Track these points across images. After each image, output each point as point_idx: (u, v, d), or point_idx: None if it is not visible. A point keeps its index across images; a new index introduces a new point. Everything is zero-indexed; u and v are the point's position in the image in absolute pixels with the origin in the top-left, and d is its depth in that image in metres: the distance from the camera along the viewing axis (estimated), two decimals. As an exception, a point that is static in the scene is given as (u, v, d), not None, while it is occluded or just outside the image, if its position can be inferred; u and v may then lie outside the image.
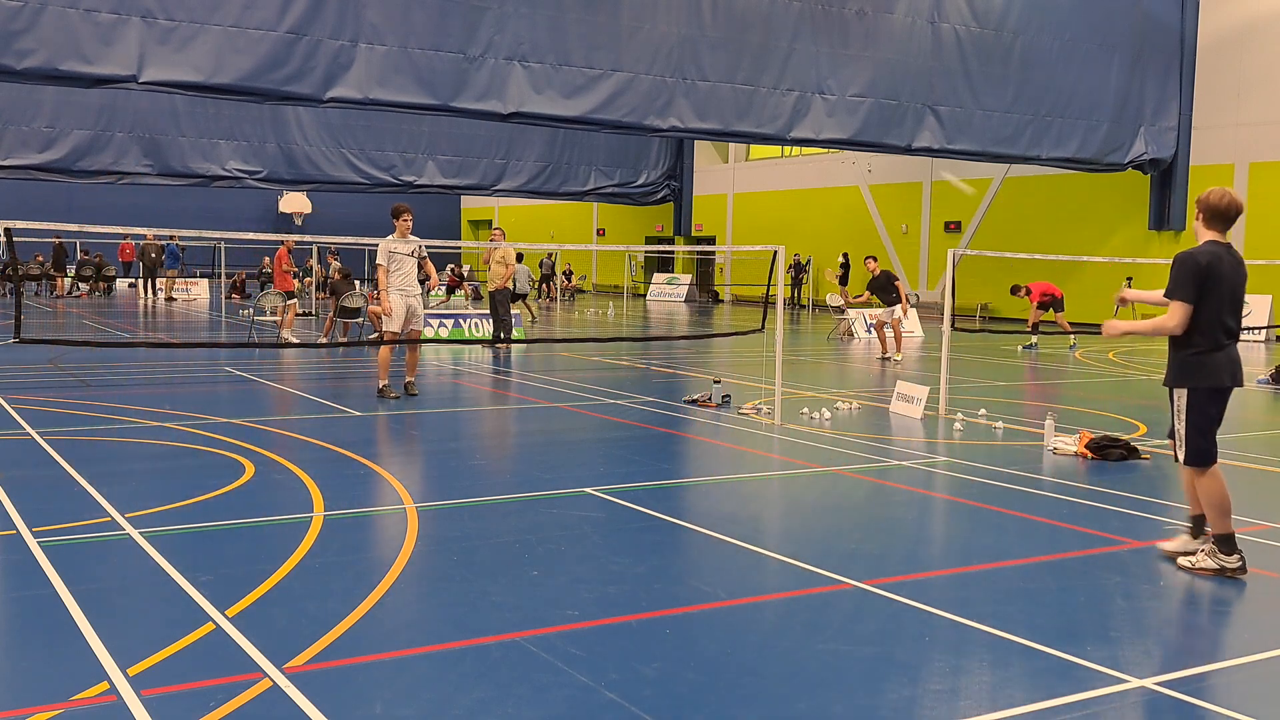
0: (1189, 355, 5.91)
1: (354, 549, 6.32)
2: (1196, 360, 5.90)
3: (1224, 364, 5.91)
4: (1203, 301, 5.86)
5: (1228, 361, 5.93)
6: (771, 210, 37.97)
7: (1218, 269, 5.86)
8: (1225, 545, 5.86)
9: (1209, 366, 5.88)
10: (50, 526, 6.36)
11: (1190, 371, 5.92)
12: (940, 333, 12.80)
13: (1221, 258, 5.91)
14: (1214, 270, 5.85)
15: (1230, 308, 5.94)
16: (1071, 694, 4.24)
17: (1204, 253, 5.91)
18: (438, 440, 10.13)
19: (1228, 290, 5.90)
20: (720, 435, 10.35)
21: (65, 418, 10.40)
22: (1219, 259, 5.89)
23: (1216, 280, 5.85)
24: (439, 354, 18.06)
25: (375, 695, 4.12)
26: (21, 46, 14.99)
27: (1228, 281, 5.90)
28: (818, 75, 20.94)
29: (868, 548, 6.43)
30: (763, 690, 4.26)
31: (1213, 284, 5.84)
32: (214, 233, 10.00)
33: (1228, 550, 5.85)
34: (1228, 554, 5.84)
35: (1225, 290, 5.88)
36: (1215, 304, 5.86)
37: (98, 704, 3.98)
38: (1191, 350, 5.91)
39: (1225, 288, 5.88)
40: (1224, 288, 5.88)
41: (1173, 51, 25.22)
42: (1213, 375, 5.89)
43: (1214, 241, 5.99)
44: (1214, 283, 5.85)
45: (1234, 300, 5.96)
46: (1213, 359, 5.88)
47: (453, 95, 18.05)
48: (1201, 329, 5.88)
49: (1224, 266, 5.90)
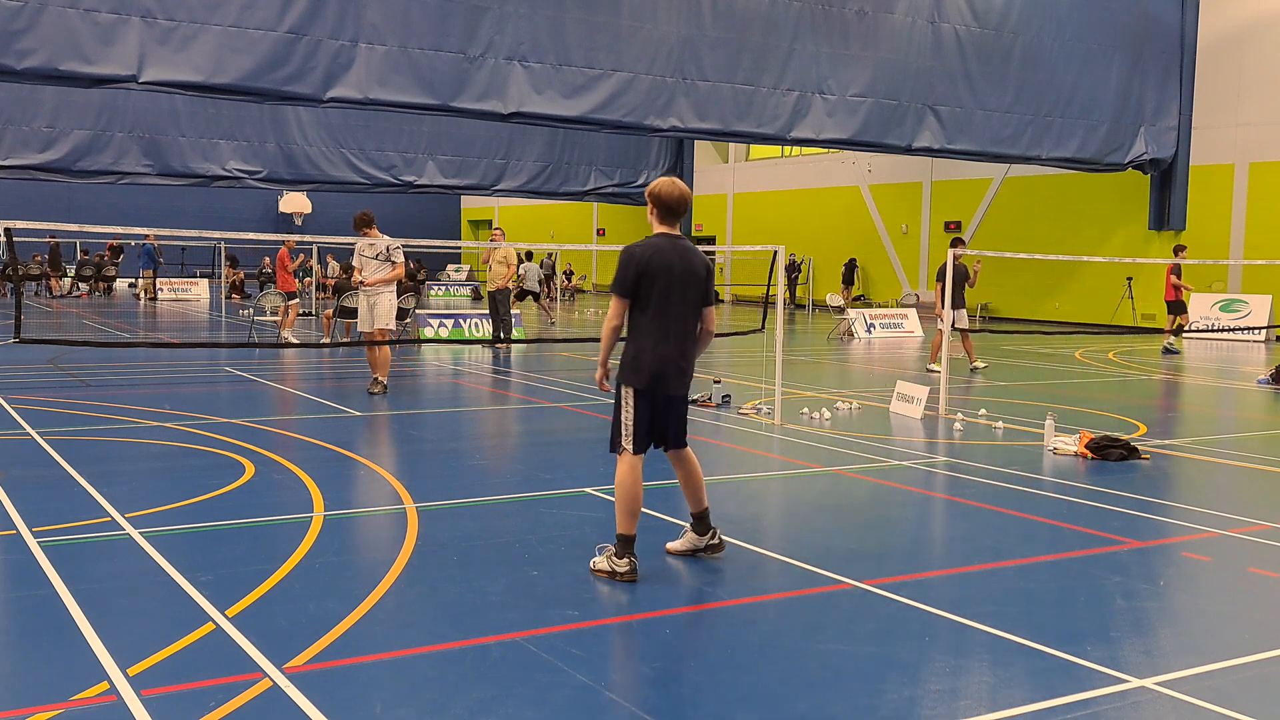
0: (626, 353, 5.68)
1: (354, 549, 6.32)
2: (632, 360, 5.64)
3: (653, 365, 5.60)
4: (640, 298, 5.58)
5: (657, 363, 5.60)
6: (771, 210, 37.97)
7: (656, 263, 5.55)
8: (622, 547, 5.57)
9: (640, 367, 5.61)
10: (50, 526, 6.36)
11: (626, 370, 5.67)
12: (939, 332, 12.79)
13: (663, 250, 5.59)
14: (652, 265, 5.54)
15: (673, 306, 5.60)
16: (1071, 694, 4.24)
17: (645, 245, 5.62)
18: (438, 440, 10.13)
19: (667, 287, 5.56)
20: (720, 435, 10.35)
21: (65, 418, 10.40)
22: (659, 251, 5.58)
23: (652, 276, 5.54)
24: (439, 354, 18.06)
25: (375, 695, 4.12)
26: (21, 46, 14.99)
27: (664, 277, 5.56)
28: (818, 75, 20.94)
29: (868, 548, 6.43)
30: (763, 690, 4.26)
31: (648, 280, 5.54)
32: (214, 233, 9.99)
33: (621, 554, 5.55)
34: (620, 557, 5.55)
35: (662, 287, 5.55)
36: (653, 301, 5.56)
37: (98, 704, 3.98)
38: (630, 348, 5.67)
39: (662, 284, 5.55)
40: (660, 284, 5.55)
41: (1173, 51, 25.22)
42: (640, 377, 5.62)
43: (662, 234, 5.68)
44: (649, 279, 5.54)
45: (681, 298, 5.61)
46: (644, 360, 5.60)
47: (453, 95, 18.05)
48: (640, 327, 5.62)
49: (663, 260, 5.56)
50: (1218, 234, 25.52)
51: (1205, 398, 14.84)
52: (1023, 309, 29.30)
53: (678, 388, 5.75)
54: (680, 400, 5.82)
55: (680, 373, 5.72)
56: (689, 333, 5.73)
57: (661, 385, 5.66)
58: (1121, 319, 26.81)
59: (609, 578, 5.54)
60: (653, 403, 5.69)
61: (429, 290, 38.14)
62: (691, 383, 5.89)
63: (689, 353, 5.75)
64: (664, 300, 5.59)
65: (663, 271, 5.57)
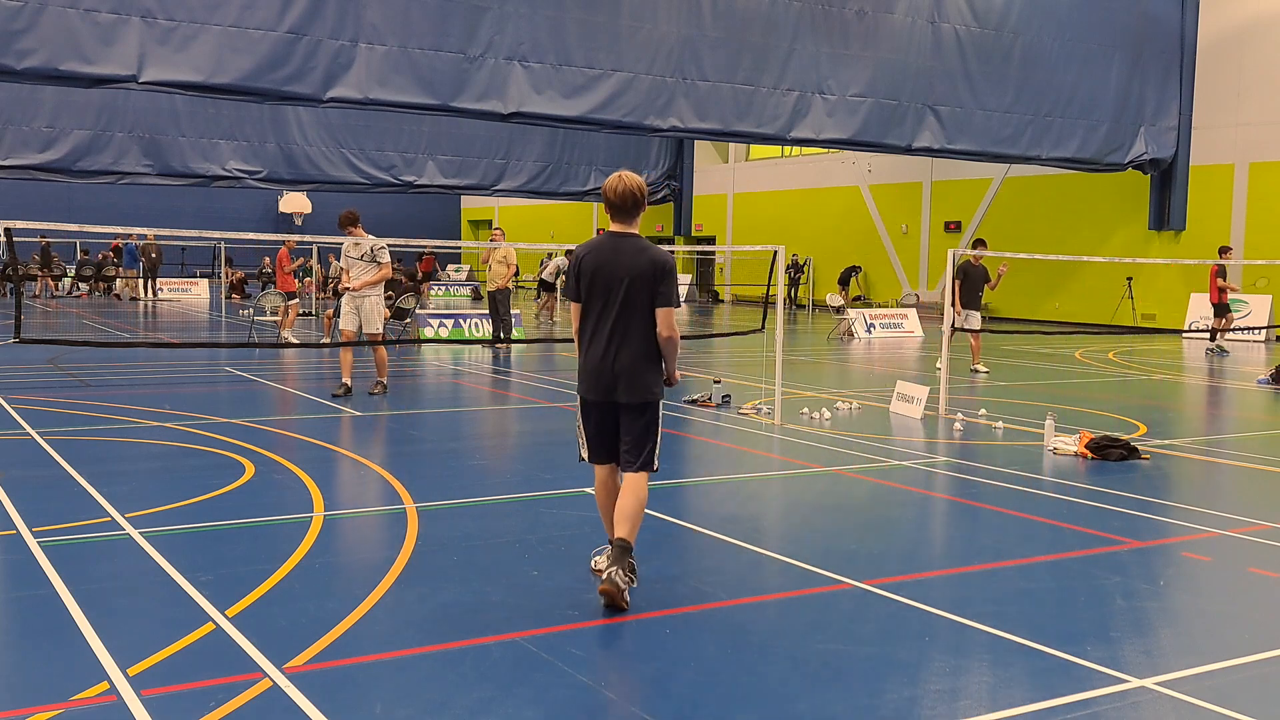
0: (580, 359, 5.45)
1: (354, 549, 6.33)
2: (579, 366, 5.44)
3: (588, 373, 5.36)
4: (582, 300, 5.36)
5: (592, 370, 5.33)
6: (771, 210, 37.97)
7: (590, 263, 5.30)
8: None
9: (580, 372, 5.42)
10: (50, 526, 6.36)
11: (578, 376, 5.47)
12: (940, 332, 12.80)
13: (601, 249, 5.31)
14: (585, 265, 5.32)
15: (612, 308, 5.27)
16: (1071, 694, 4.24)
17: (584, 246, 5.40)
18: (438, 440, 10.13)
19: (605, 287, 5.27)
20: (720, 435, 10.35)
21: (65, 418, 10.40)
22: (596, 251, 5.32)
23: (587, 277, 5.30)
24: (439, 354, 18.06)
25: (375, 695, 4.12)
26: (21, 46, 14.99)
27: (600, 278, 5.27)
28: (818, 75, 20.94)
29: (868, 548, 6.43)
30: (763, 690, 4.26)
31: (585, 281, 5.30)
32: (214, 233, 9.99)
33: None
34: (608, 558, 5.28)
35: (598, 288, 5.28)
36: (591, 302, 5.33)
37: (98, 704, 3.98)
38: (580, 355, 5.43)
39: (598, 285, 5.28)
40: (597, 285, 5.28)
41: (1173, 51, 25.22)
42: (581, 384, 5.42)
43: (608, 233, 5.40)
44: (587, 280, 5.30)
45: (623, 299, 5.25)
46: (583, 365, 5.39)
47: (453, 95, 18.05)
48: (581, 331, 5.39)
49: (598, 260, 5.29)
50: (1218, 234, 25.51)
51: (1205, 398, 14.84)
52: (1023, 309, 29.30)
53: (621, 396, 5.31)
54: (632, 412, 5.34)
55: (621, 378, 5.28)
56: (637, 335, 5.28)
57: (595, 392, 5.33)
58: (1121, 319, 26.81)
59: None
60: (600, 411, 5.39)
61: (429, 290, 38.13)
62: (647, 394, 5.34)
63: (632, 359, 5.28)
64: (600, 301, 5.30)
65: (597, 272, 5.28)
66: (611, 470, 5.51)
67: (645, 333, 5.31)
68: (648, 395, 5.34)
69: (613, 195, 5.31)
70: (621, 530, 5.21)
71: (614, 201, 5.31)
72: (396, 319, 18.41)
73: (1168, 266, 25.55)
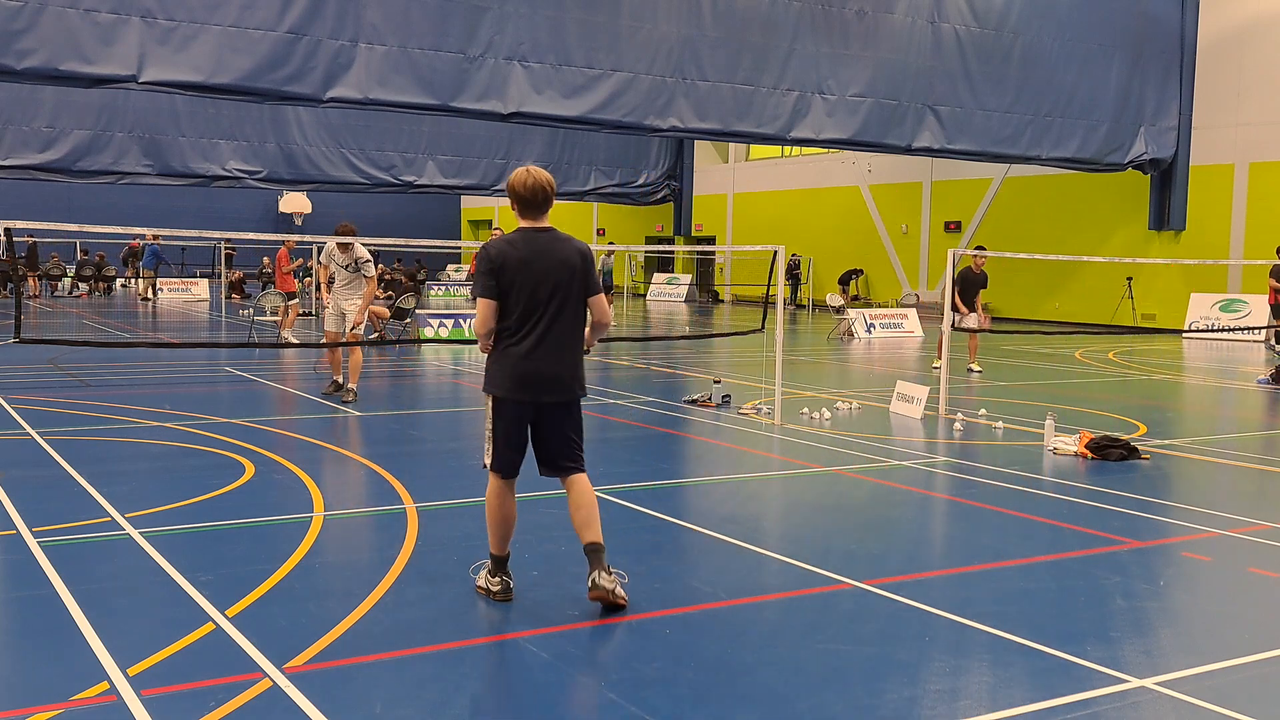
0: (489, 358, 5.28)
1: (354, 549, 6.32)
2: (493, 364, 5.25)
3: (508, 371, 5.19)
4: (501, 297, 5.18)
5: (518, 369, 5.16)
6: (771, 210, 37.97)
7: (510, 259, 5.15)
8: (494, 566, 5.33)
9: (498, 373, 5.22)
10: (50, 526, 6.36)
11: (486, 375, 5.29)
12: (940, 332, 12.79)
13: (517, 244, 5.18)
14: (506, 261, 5.15)
15: (538, 304, 5.16)
16: (1071, 694, 4.24)
17: (498, 241, 5.24)
18: (438, 440, 10.13)
19: (527, 283, 5.14)
20: (720, 435, 10.35)
21: (65, 418, 10.40)
22: (513, 246, 5.18)
23: (508, 273, 5.15)
24: (439, 354, 18.06)
25: (375, 695, 4.12)
26: (21, 46, 14.99)
27: (521, 273, 5.14)
28: (818, 75, 20.94)
29: (868, 548, 6.43)
30: (763, 690, 4.26)
31: (504, 278, 5.15)
32: (214, 232, 9.98)
33: (493, 573, 5.32)
34: (493, 575, 5.31)
35: (521, 284, 5.14)
36: (511, 299, 5.16)
37: (98, 704, 3.98)
38: (493, 352, 5.25)
39: (520, 281, 5.15)
40: (519, 281, 5.15)
41: (1173, 51, 25.23)
42: (498, 383, 5.22)
43: (521, 228, 5.27)
44: (505, 277, 5.15)
45: (549, 294, 5.16)
46: (504, 364, 5.20)
47: (453, 95, 18.06)
48: (502, 328, 5.21)
49: (517, 255, 5.16)
50: (1218, 234, 25.53)
51: (1205, 398, 14.84)
52: (1023, 309, 29.30)
53: (548, 394, 5.19)
54: (560, 411, 5.26)
55: (548, 378, 5.17)
56: (566, 331, 5.21)
57: (525, 391, 5.17)
58: (1121, 319, 26.81)
59: (486, 596, 5.29)
60: (520, 413, 5.23)
61: (429, 290, 38.13)
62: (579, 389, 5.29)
63: (565, 355, 5.22)
64: (527, 298, 5.15)
65: (517, 267, 5.13)
66: (513, 482, 5.33)
67: (576, 326, 5.27)
68: (580, 390, 5.32)
69: (523, 190, 5.19)
70: (592, 534, 5.15)
71: (524, 196, 5.20)
72: (396, 319, 18.41)
73: (1168, 266, 25.55)
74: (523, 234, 5.23)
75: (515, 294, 5.15)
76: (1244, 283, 24.70)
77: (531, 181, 5.19)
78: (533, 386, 5.17)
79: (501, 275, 5.14)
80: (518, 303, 5.15)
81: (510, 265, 5.14)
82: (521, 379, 5.16)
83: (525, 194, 5.19)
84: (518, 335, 5.17)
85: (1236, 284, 25.01)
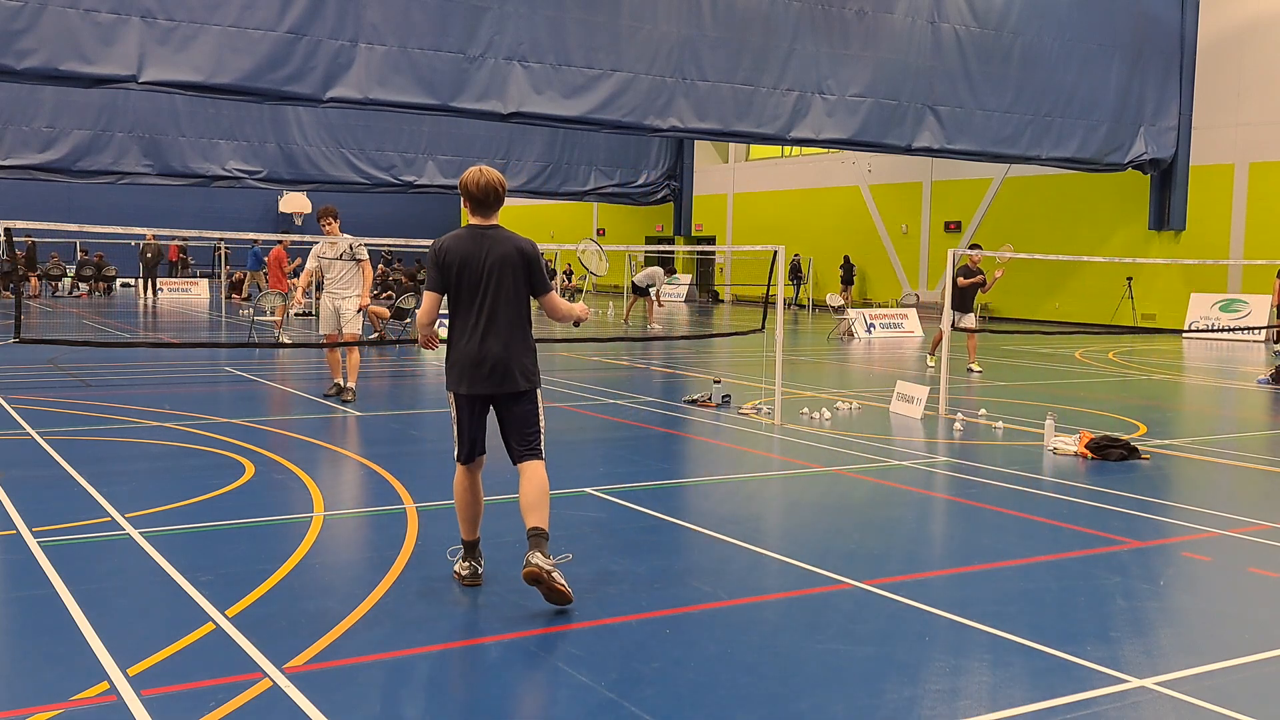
0: (446, 356, 5.41)
1: (354, 549, 6.33)
2: (448, 361, 5.40)
3: (459, 366, 5.32)
4: (449, 293, 5.33)
5: (464, 362, 5.30)
6: (771, 210, 37.97)
7: (455, 255, 5.26)
8: (465, 551, 5.54)
9: (449, 369, 5.39)
10: (50, 526, 6.36)
11: (446, 373, 5.44)
12: (939, 330, 12.78)
13: (463, 240, 5.29)
14: (450, 257, 5.27)
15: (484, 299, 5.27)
16: (1071, 694, 4.25)
17: (446, 237, 5.38)
18: (438, 440, 10.12)
19: (474, 280, 5.25)
20: (720, 435, 10.35)
21: (65, 418, 10.40)
22: (459, 241, 5.29)
23: (454, 269, 5.26)
24: (439, 354, 18.05)
25: (375, 695, 4.12)
26: (21, 46, 14.99)
27: (467, 270, 5.25)
28: (818, 75, 20.94)
29: (868, 548, 6.43)
30: (763, 690, 4.26)
31: (451, 274, 5.27)
32: (214, 232, 10.00)
33: (465, 558, 5.52)
34: (463, 560, 5.52)
35: (467, 280, 5.26)
36: (459, 295, 5.30)
37: (98, 704, 3.98)
38: (447, 350, 5.39)
39: (466, 277, 5.26)
40: (465, 277, 5.26)
41: (1173, 51, 25.22)
42: (450, 378, 5.38)
43: (470, 225, 5.37)
44: (454, 272, 5.26)
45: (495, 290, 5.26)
46: (453, 359, 5.35)
47: (453, 95, 18.05)
48: (451, 325, 5.35)
49: (462, 251, 5.27)
50: (1218, 234, 25.52)
51: (1205, 398, 14.84)
52: (1023, 309, 29.30)
53: (497, 386, 5.30)
54: (514, 401, 5.37)
55: (497, 371, 5.28)
56: (510, 326, 5.31)
57: (474, 385, 5.29)
58: (1121, 319, 26.80)
59: (458, 580, 5.48)
60: (473, 406, 5.38)
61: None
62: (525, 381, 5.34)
63: (507, 349, 5.29)
64: (470, 294, 5.28)
65: (463, 264, 5.26)
66: (475, 469, 5.50)
67: (519, 321, 5.36)
68: (527, 382, 5.37)
69: (474, 189, 5.31)
70: (535, 519, 5.22)
71: (475, 195, 5.32)
72: (396, 319, 18.41)
73: (1168, 266, 25.55)
74: (470, 230, 5.36)
75: (459, 289, 5.30)
76: (1244, 283, 24.69)
77: (484, 181, 5.31)
78: (479, 381, 5.30)
79: (447, 270, 5.29)
80: (461, 298, 5.31)
81: (453, 261, 5.28)
82: (468, 374, 5.31)
83: (476, 193, 5.32)
84: (465, 331, 5.32)
85: (1236, 284, 25.01)
